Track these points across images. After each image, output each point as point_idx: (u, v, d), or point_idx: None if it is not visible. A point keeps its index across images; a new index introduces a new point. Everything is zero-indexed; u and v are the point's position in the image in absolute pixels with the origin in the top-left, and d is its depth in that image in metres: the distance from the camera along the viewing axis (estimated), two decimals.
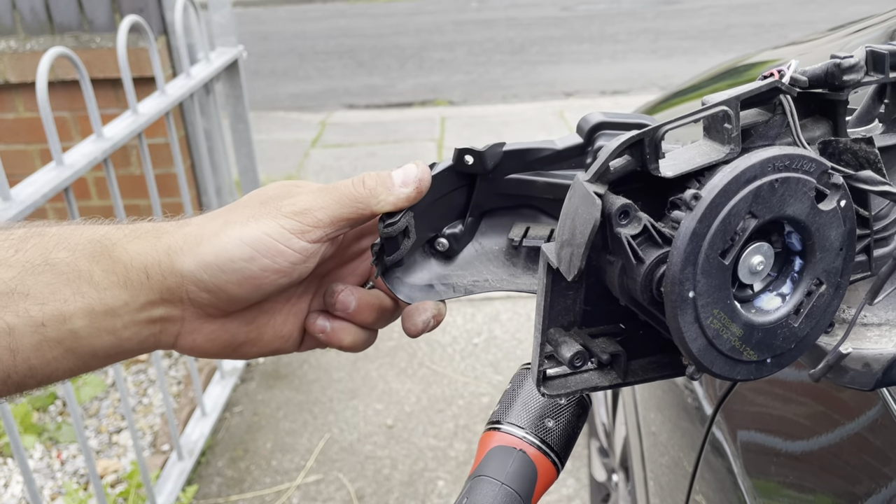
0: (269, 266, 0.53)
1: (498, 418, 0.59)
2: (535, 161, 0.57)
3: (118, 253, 0.52)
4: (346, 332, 0.59)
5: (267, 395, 2.57)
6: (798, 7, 8.89)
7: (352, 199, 0.54)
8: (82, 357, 0.51)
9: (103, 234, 0.53)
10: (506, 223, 0.61)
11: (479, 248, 0.61)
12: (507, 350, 2.75)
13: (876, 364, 0.48)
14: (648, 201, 0.45)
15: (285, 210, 0.53)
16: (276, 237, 0.52)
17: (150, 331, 0.54)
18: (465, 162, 0.56)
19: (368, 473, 2.23)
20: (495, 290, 0.59)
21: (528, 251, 0.59)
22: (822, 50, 1.24)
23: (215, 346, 0.57)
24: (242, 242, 0.52)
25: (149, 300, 0.52)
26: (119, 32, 1.85)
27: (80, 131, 2.65)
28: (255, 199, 0.55)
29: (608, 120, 0.55)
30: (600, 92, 6.24)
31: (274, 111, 6.04)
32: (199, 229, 0.53)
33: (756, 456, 0.76)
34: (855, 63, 0.46)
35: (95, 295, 0.50)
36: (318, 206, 0.53)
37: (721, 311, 0.43)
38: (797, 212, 0.43)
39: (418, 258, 0.60)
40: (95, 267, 0.51)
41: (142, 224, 0.55)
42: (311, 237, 0.53)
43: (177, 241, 0.53)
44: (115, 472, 2.26)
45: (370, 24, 9.58)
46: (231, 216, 0.54)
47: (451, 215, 0.60)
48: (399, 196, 0.54)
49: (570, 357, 0.48)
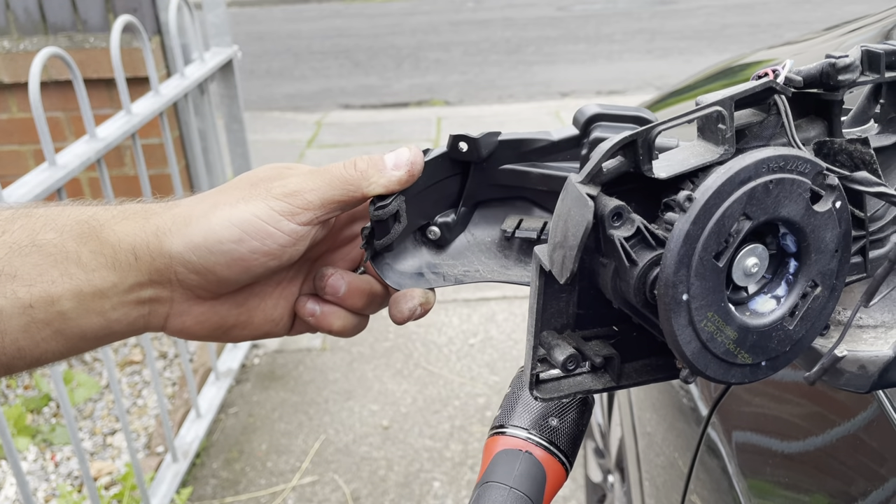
0: (257, 248, 0.52)
1: (500, 422, 0.58)
2: (530, 152, 0.56)
3: (106, 234, 0.51)
4: (335, 316, 0.59)
5: (262, 397, 2.56)
6: (793, 7, 8.90)
7: (343, 182, 0.53)
8: (71, 339, 0.51)
9: (91, 214, 0.52)
10: (499, 214, 0.60)
11: (472, 239, 0.60)
12: (504, 350, 2.75)
13: (871, 366, 0.47)
14: (642, 202, 0.45)
15: (275, 192, 0.53)
16: (266, 219, 0.52)
17: (138, 312, 0.53)
18: (460, 149, 0.56)
19: (364, 475, 2.22)
20: (486, 280, 0.59)
21: (521, 243, 0.59)
22: (817, 49, 1.24)
23: (205, 329, 0.56)
24: (231, 224, 0.51)
25: (137, 281, 0.52)
26: (113, 32, 1.84)
27: (73, 132, 2.64)
28: (245, 181, 0.54)
29: (604, 112, 0.55)
30: (596, 92, 6.24)
31: (269, 111, 6.03)
32: (188, 210, 0.53)
33: (751, 456, 0.75)
34: (850, 63, 0.45)
35: (83, 276, 0.50)
36: (309, 187, 0.53)
37: (715, 314, 0.42)
38: (792, 213, 0.42)
39: (409, 245, 0.59)
40: (83, 248, 0.50)
41: (130, 205, 0.54)
42: (301, 219, 0.53)
43: (165, 222, 0.52)
44: (110, 474, 2.25)
45: (366, 24, 9.57)
46: (220, 197, 0.53)
47: (443, 203, 0.59)
48: (391, 179, 0.54)
49: (563, 360, 0.47)
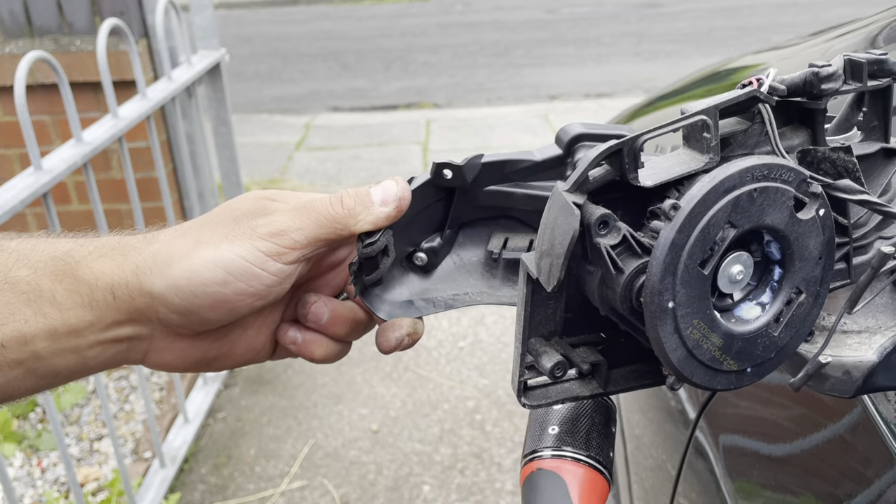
0: (243, 290, 0.51)
1: (530, 449, 0.58)
2: (513, 172, 0.56)
3: (82, 272, 0.50)
4: (317, 344, 0.57)
5: (251, 401, 2.55)
6: (780, 10, 8.97)
7: (330, 220, 0.52)
8: (44, 377, 0.50)
9: (66, 251, 0.51)
10: (484, 234, 0.60)
11: (458, 261, 0.60)
12: (493, 354, 2.75)
13: (856, 371, 0.48)
14: (628, 211, 0.45)
15: (261, 231, 0.51)
16: (252, 260, 0.51)
17: (116, 349, 0.52)
18: (444, 176, 0.55)
19: (353, 479, 2.22)
20: (476, 303, 0.59)
21: (507, 263, 0.59)
22: (803, 55, 1.25)
23: (186, 363, 0.55)
24: (216, 265, 0.50)
25: (115, 320, 0.51)
26: (99, 35, 1.83)
27: (59, 135, 2.63)
28: (227, 215, 0.53)
29: (587, 131, 0.55)
30: (584, 95, 6.26)
31: (258, 114, 6.02)
32: (169, 247, 0.51)
33: (738, 459, 0.76)
34: (833, 72, 0.46)
35: (58, 315, 0.49)
36: (295, 227, 0.52)
37: (701, 322, 0.43)
38: (776, 221, 0.43)
39: (396, 273, 0.59)
40: (58, 286, 0.49)
41: (107, 239, 0.53)
42: (288, 259, 0.51)
43: (145, 261, 0.51)
44: (97, 480, 2.23)
45: (354, 26, 9.56)
46: (203, 235, 0.52)
47: (429, 229, 0.59)
48: (379, 216, 0.53)
49: (551, 367, 0.47)
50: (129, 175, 1.96)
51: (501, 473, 2.23)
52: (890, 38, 0.94)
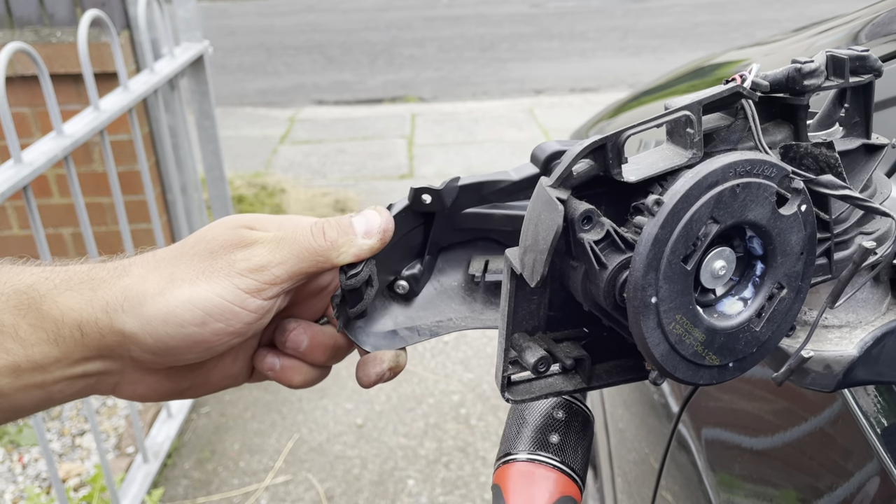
0: (222, 329, 0.49)
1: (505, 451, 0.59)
2: (491, 194, 0.55)
3: (47, 307, 0.47)
4: (295, 371, 0.55)
5: (234, 396, 2.54)
6: (764, 6, 9.02)
7: (311, 253, 0.50)
8: (7, 412, 0.48)
9: (30, 283, 0.48)
10: (462, 257, 0.59)
11: (439, 286, 0.59)
12: (478, 348, 2.75)
13: (837, 366, 0.48)
14: (612, 206, 0.45)
15: (239, 266, 0.49)
16: (230, 299, 0.48)
17: (85, 383, 0.50)
18: (423, 201, 0.54)
19: (338, 473, 2.22)
20: (460, 329, 0.58)
21: (488, 286, 0.58)
22: (787, 51, 1.26)
23: (158, 394, 0.54)
24: (193, 306, 0.47)
25: (83, 356, 0.48)
26: (80, 27, 1.81)
27: (40, 128, 2.59)
28: (203, 247, 0.50)
29: (564, 149, 0.54)
30: (570, 89, 6.27)
31: (242, 107, 5.98)
32: (142, 283, 0.48)
33: (721, 452, 0.77)
34: (815, 68, 0.46)
35: (21, 352, 0.46)
36: (276, 261, 0.49)
37: (683, 317, 0.43)
38: (758, 216, 0.43)
39: (378, 304, 0.58)
40: (21, 321, 0.47)
41: (74, 271, 0.49)
42: (267, 295, 0.49)
43: (115, 297, 0.48)
44: (79, 476, 2.21)
45: (339, 19, 9.52)
46: (178, 270, 0.49)
47: (409, 256, 0.58)
48: (362, 248, 0.51)
49: (535, 362, 0.47)
50: (110, 168, 1.94)
51: (486, 467, 2.23)
52: (872, 34, 0.95)
